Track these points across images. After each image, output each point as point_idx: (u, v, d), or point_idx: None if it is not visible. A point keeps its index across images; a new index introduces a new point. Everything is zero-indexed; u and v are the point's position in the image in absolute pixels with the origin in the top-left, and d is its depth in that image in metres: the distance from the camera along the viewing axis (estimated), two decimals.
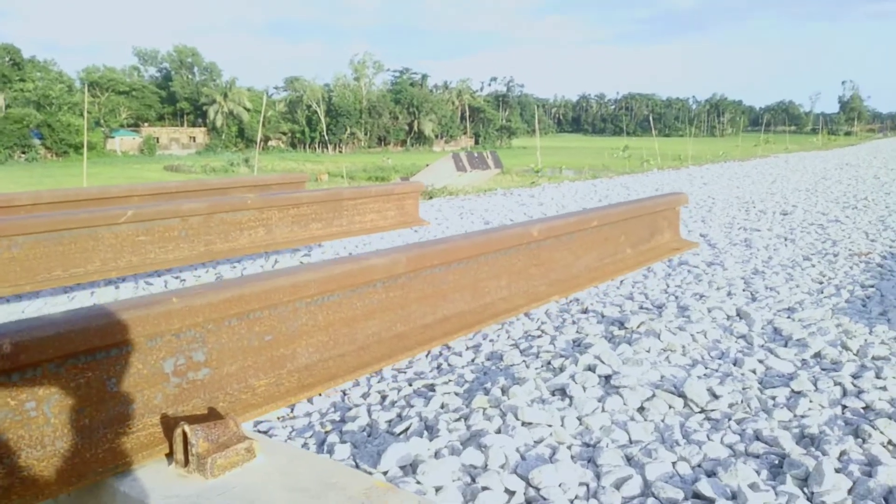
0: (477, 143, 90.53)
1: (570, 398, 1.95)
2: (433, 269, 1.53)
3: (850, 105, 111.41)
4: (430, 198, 8.50)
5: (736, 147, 27.27)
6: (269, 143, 76.61)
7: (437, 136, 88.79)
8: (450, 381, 2.15)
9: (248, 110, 75.04)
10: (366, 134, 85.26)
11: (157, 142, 74.06)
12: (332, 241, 3.27)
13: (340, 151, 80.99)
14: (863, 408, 1.93)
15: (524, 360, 2.31)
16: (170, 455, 1.09)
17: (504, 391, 2.00)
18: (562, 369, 2.18)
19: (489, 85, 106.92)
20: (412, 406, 1.97)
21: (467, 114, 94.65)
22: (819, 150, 20.81)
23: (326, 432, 1.84)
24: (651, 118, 57.53)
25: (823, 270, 3.63)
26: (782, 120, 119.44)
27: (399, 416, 1.92)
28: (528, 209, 6.46)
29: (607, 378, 2.10)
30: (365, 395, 2.07)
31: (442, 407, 1.96)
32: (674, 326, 2.60)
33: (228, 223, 2.56)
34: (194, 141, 75.07)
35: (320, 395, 2.04)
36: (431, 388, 2.11)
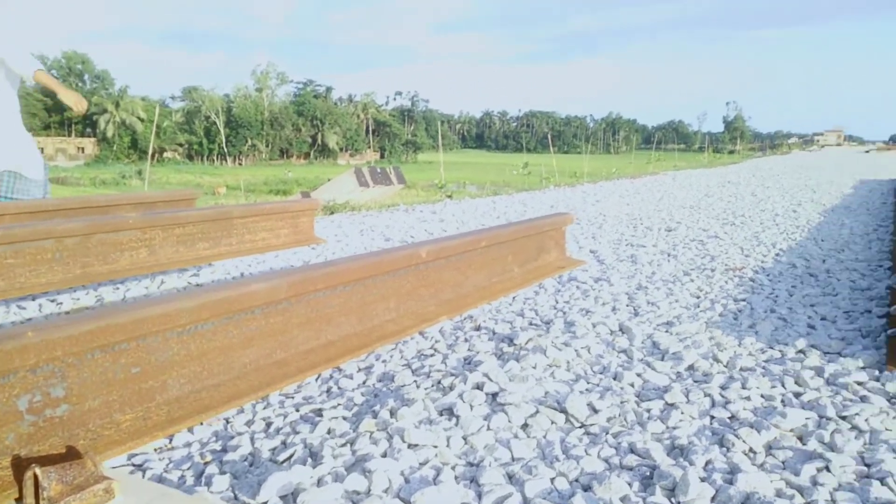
0: (383, 157, 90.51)
1: (458, 417, 1.98)
2: (317, 293, 1.52)
3: (734, 125, 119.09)
4: (332, 213, 8.43)
5: (629, 164, 28.57)
6: (165, 154, 73.68)
7: (341, 150, 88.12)
8: (338, 405, 2.13)
9: (141, 120, 71.95)
10: (267, 146, 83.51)
11: (42, 152, 69.64)
12: (223, 260, 3.17)
13: (240, 164, 78.92)
14: (728, 417, 2.06)
15: (415, 381, 2.32)
16: (20, 500, 1.02)
17: (392, 413, 2.00)
18: (451, 388, 2.21)
19: (394, 99, 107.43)
20: (297, 433, 1.94)
21: (373, 127, 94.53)
22: (705, 167, 22.06)
23: (205, 463, 1.79)
24: (550, 136, 59.36)
25: (701, 285, 3.85)
26: (672, 138, 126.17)
27: (283, 443, 1.89)
28: (429, 225, 6.51)
29: (494, 396, 2.15)
30: (249, 423, 2.02)
31: (328, 432, 1.94)
32: (560, 342, 2.68)
33: (108, 244, 2.44)
34: (83, 152, 71.15)
35: (192, 428, 1.98)
36: (319, 413, 2.08)
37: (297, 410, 2.11)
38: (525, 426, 1.98)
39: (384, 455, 1.78)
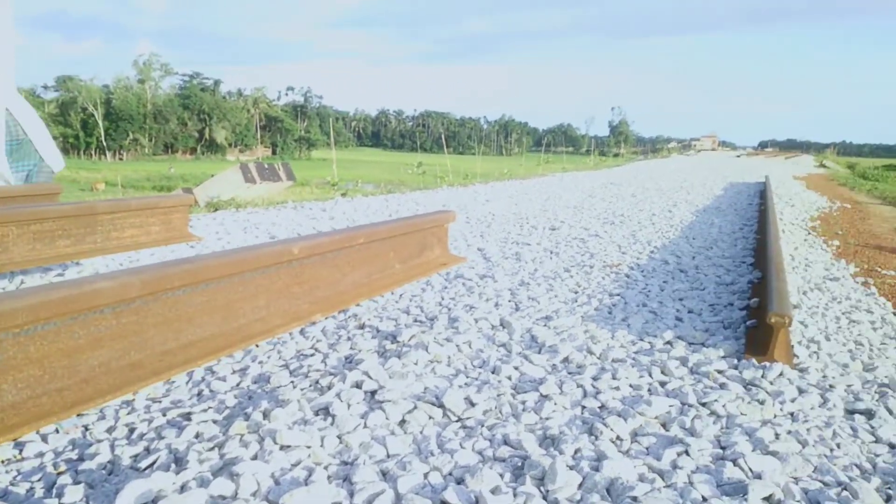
0: (274, 153, 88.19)
1: (333, 417, 1.94)
2: (176, 291, 1.44)
3: (619, 129, 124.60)
4: (215, 210, 8.11)
5: (520, 166, 29.28)
6: None
7: (230, 145, 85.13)
8: (209, 408, 2.05)
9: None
10: (151, 140, 79.44)
11: None
12: (92, 258, 2.97)
13: (121, 159, 74.66)
14: (599, 407, 2.14)
15: (292, 381, 2.26)
16: None
17: (266, 415, 1.94)
18: (329, 388, 2.17)
19: (286, 95, 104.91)
20: (163, 438, 1.84)
21: (263, 123, 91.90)
22: (591, 170, 22.94)
23: (59, 473, 1.66)
24: (445, 136, 59.90)
25: (580, 281, 3.99)
26: (562, 141, 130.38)
27: (147, 449, 1.79)
28: (318, 223, 6.39)
29: (373, 393, 2.13)
30: (110, 430, 1.90)
31: (196, 436, 1.86)
32: (442, 338, 2.70)
33: None
34: None
35: (45, 437, 1.84)
36: (188, 416, 1.99)
37: (164, 415, 2.01)
38: (402, 422, 1.97)
39: (254, 458, 1.72)
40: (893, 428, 2.13)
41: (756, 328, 2.95)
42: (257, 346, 2.54)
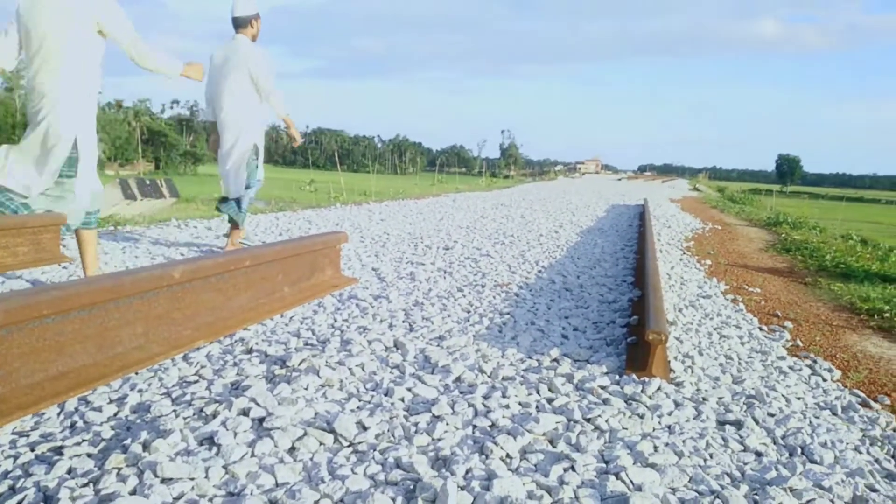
0: (158, 168, 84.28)
1: (219, 446, 1.87)
2: (44, 319, 1.35)
3: (509, 152, 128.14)
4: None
5: (415, 185, 29.50)
6: None
7: (109, 159, 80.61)
8: (83, 441, 1.92)
9: None
10: None
11: None
12: None
13: None
14: (489, 426, 2.18)
15: (174, 410, 2.16)
16: None
17: (146, 446, 1.84)
18: (214, 416, 2.09)
19: (171, 108, 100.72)
20: (31, 475, 1.71)
21: (146, 137, 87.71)
22: (483, 191, 23.40)
23: None
24: (338, 154, 59.40)
25: (472, 300, 4.05)
26: (455, 162, 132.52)
27: (12, 488, 1.65)
28: (203, 242, 6.16)
29: (261, 421, 2.07)
30: None
31: (69, 472, 1.74)
32: (334, 361, 2.66)
33: None
34: None
35: None
36: (59, 450, 1.86)
37: (33, 450, 1.87)
38: (292, 450, 1.93)
39: (133, 492, 1.63)
40: (759, 437, 2.30)
41: (636, 345, 3.11)
42: (137, 373, 2.42)
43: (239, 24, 5.00)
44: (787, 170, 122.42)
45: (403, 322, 3.44)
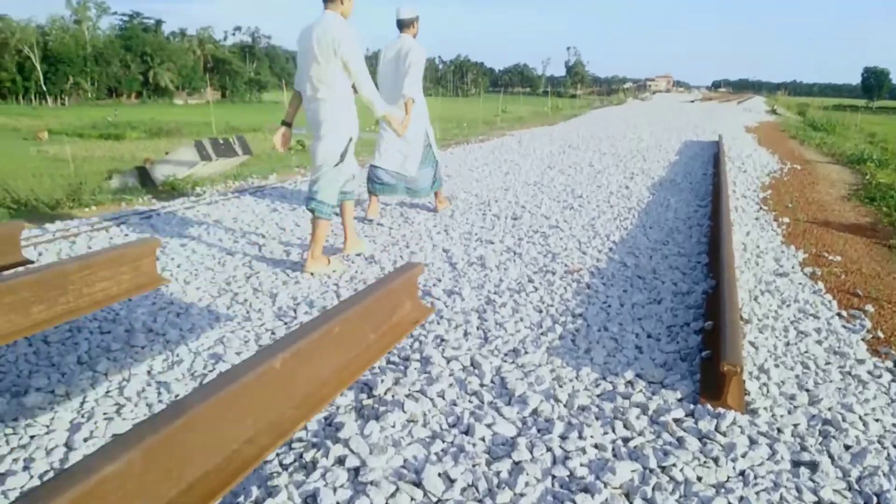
0: (224, 96, 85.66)
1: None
2: (163, 433, 1.50)
3: (575, 70, 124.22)
4: (173, 189, 7.96)
5: (479, 108, 29.15)
6: None
7: (177, 88, 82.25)
8: None
9: None
10: (93, 84, 76.16)
11: None
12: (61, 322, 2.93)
13: (63, 104, 71.53)
14: (567, 476, 2.29)
15: (278, 453, 2.36)
16: None
17: None
18: (314, 464, 2.27)
19: (233, 35, 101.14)
20: None
21: (211, 65, 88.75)
22: (548, 125, 22.95)
23: None
24: None
25: (543, 295, 4.12)
26: (518, 81, 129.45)
27: None
28: (282, 218, 6.37)
29: (356, 471, 2.24)
30: None
31: None
32: (416, 390, 2.81)
33: None
34: None
35: None
36: None
37: None
38: None
39: None
40: (833, 483, 2.34)
41: (710, 359, 3.13)
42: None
43: (403, 25, 6.01)
44: (874, 83, 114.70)
45: (477, 329, 3.54)
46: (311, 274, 4.40)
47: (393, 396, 2.74)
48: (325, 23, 4.20)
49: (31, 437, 2.47)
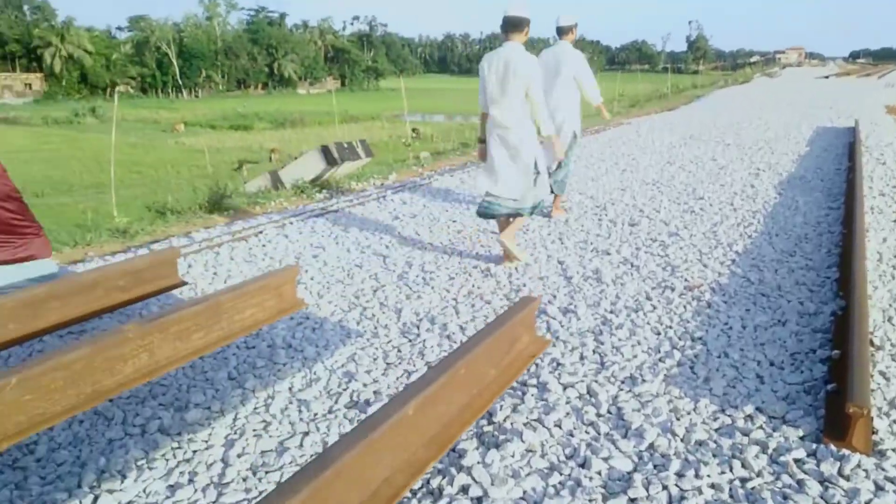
0: (343, 84, 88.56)
1: None
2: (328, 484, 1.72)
3: (696, 44, 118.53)
4: (302, 193, 8.46)
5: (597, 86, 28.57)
6: (118, 88, 70.89)
7: (300, 78, 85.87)
8: None
9: (89, 53, 68.85)
10: (223, 77, 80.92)
11: None
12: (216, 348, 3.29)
13: (197, 96, 76.55)
14: None
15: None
16: None
17: None
18: (440, 492, 2.47)
19: (352, 24, 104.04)
20: None
21: (331, 55, 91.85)
22: (667, 109, 22.21)
23: None
24: None
25: (661, 315, 4.12)
26: (636, 59, 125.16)
27: None
28: (403, 226, 6.65)
29: (479, 501, 2.41)
30: None
31: None
32: (533, 418, 2.94)
33: (112, 359, 2.60)
34: (30, 88, 68.16)
35: None
36: None
37: None
38: None
39: None
40: None
41: (836, 394, 3.06)
42: None
43: (562, 32, 6.40)
44: None
45: (594, 353, 3.62)
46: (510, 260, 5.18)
47: (512, 424, 2.89)
48: (508, 52, 4.81)
49: (194, 451, 2.82)
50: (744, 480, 2.55)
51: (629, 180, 8.53)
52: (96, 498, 2.51)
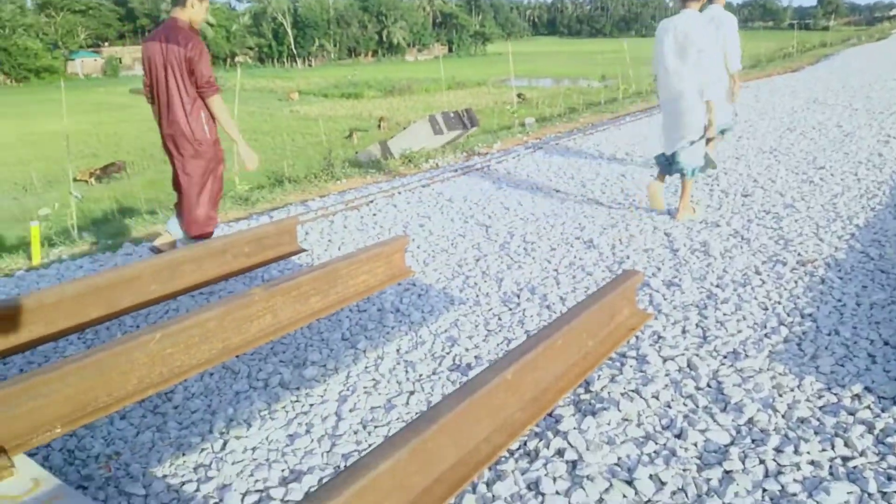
0: (451, 50, 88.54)
1: (543, 496, 2.37)
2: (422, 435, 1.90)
3: None
4: (409, 161, 8.71)
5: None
6: (237, 58, 74.10)
7: (408, 45, 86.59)
8: None
9: (211, 25, 72.23)
10: (335, 45, 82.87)
11: (120, 62, 71.71)
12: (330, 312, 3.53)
13: (310, 65, 78.89)
14: (779, 491, 2.38)
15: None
16: None
17: (489, 485, 2.41)
18: (537, 453, 2.60)
19: None
20: None
21: (439, 20, 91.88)
22: (790, 72, 20.89)
23: None
24: (626, 18, 56.44)
25: (770, 290, 4.03)
26: (759, 15, 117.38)
27: None
28: (507, 198, 6.74)
29: (574, 464, 2.53)
30: None
31: None
32: (631, 389, 3.01)
33: (240, 319, 2.89)
34: None
35: None
36: None
37: None
38: (600, 501, 2.36)
39: None
40: None
41: None
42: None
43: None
44: None
45: (696, 326, 3.61)
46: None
47: (609, 394, 2.97)
48: (686, 20, 5.05)
49: (311, 405, 3.09)
50: (846, 459, 2.53)
51: (745, 148, 8.19)
52: (225, 443, 2.83)
